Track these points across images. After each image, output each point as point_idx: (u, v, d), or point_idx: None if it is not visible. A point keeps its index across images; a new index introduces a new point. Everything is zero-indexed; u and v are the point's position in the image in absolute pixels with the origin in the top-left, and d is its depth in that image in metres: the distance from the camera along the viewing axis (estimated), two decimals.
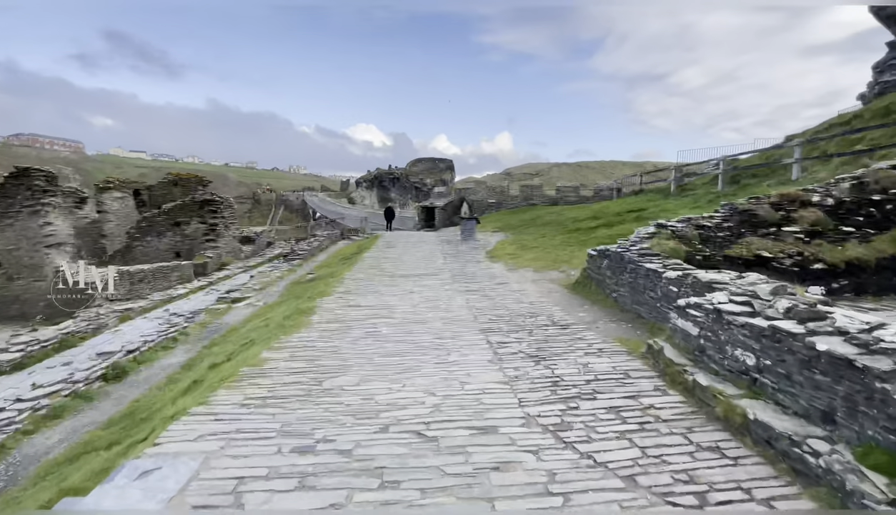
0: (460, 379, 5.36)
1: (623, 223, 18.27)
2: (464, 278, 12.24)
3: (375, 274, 13.14)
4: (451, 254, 17.10)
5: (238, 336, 10.54)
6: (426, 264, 14.81)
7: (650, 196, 23.61)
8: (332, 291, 10.92)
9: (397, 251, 18.24)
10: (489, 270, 13.43)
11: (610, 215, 20.73)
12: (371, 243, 23.01)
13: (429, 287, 11.07)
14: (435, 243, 20.82)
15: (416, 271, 13.49)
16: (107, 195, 25.71)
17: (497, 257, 15.65)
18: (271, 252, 26.58)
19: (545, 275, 12.09)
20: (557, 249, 15.51)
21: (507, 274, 12.61)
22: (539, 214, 26.46)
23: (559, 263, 13.16)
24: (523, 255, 15.30)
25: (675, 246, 9.22)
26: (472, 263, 14.99)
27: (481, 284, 11.37)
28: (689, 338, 5.49)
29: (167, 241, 23.42)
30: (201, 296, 17.11)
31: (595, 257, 10.13)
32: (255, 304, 15.00)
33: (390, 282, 11.88)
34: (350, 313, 8.75)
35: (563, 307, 8.85)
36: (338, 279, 12.79)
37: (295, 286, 16.60)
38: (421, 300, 9.73)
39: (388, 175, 73.76)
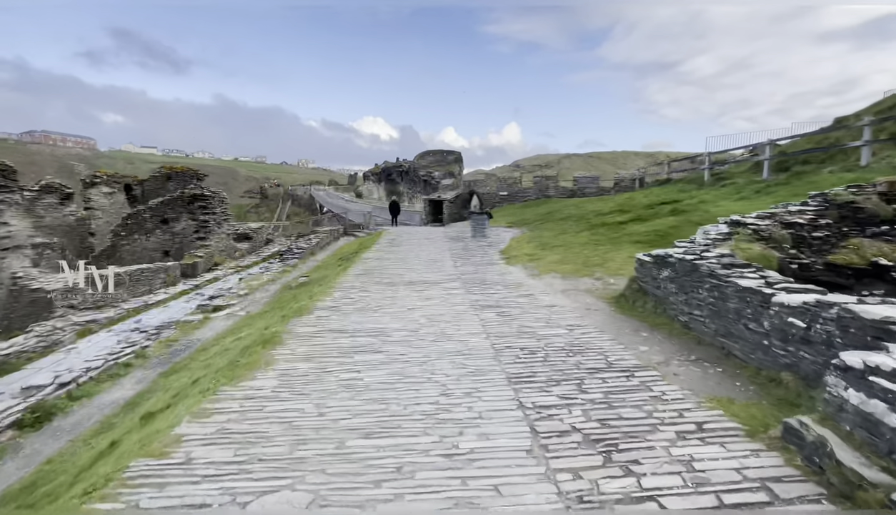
0: (485, 503, 3.04)
1: (657, 217, 15.75)
2: (477, 286, 9.89)
3: (372, 281, 10.82)
4: (460, 254, 14.73)
5: (199, 365, 8.34)
6: (432, 267, 12.46)
7: (681, 186, 20.99)
8: (315, 305, 8.63)
9: (401, 251, 15.91)
10: (507, 275, 11.04)
11: (639, 207, 18.19)
12: (374, 240, 20.73)
13: (434, 300, 8.72)
14: (443, 241, 18.45)
15: (421, 276, 11.16)
16: (94, 191, 23.68)
17: (514, 259, 13.24)
18: (269, 250, 24.42)
19: (576, 283, 9.67)
20: (585, 248, 13.06)
21: (530, 281, 10.21)
22: (556, 207, 23.94)
23: (591, 267, 10.73)
24: (545, 256, 12.88)
25: (762, 252, 6.76)
26: (485, 265, 12.60)
27: (499, 295, 9.00)
28: (876, 428, 3.11)
29: (155, 239, 21.34)
30: (181, 303, 14.97)
31: (649, 265, 7.70)
32: (237, 314, 12.80)
33: (389, 292, 9.56)
34: (329, 344, 6.45)
35: (614, 335, 6.46)
36: (328, 287, 10.51)
37: (284, 292, 14.38)
38: (424, 321, 7.38)
39: (397, 168, 71.33)
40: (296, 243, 22.53)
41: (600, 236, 14.65)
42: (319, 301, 8.98)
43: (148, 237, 21.21)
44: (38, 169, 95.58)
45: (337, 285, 10.65)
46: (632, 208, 18.68)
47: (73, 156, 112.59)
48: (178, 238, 21.21)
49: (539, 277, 10.59)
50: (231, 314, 12.70)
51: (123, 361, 9.44)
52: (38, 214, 22.71)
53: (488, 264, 12.68)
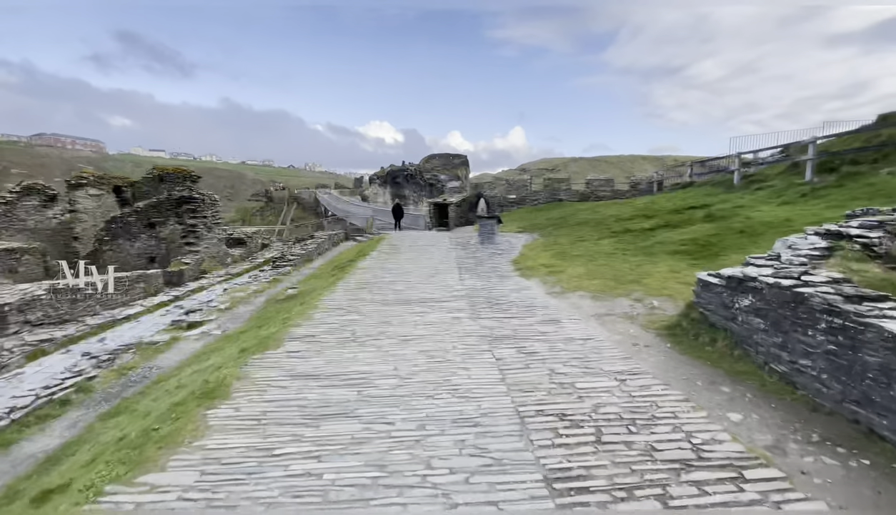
0: None
1: (689, 224, 13.84)
2: (488, 307, 8.04)
3: (364, 298, 9.00)
4: (468, 264, 12.88)
5: (143, 409, 6.57)
6: (435, 280, 10.62)
7: (707, 190, 19.05)
8: (288, 333, 6.80)
9: (401, 260, 14.09)
10: (523, 292, 9.17)
11: (664, 212, 16.28)
12: (374, 245, 18.95)
13: (436, 327, 6.88)
14: (448, 248, 16.62)
15: (421, 292, 9.33)
16: (80, 193, 22.10)
17: (530, 271, 11.37)
18: (263, 257, 22.72)
19: (611, 306, 7.79)
20: (612, 259, 11.16)
21: (552, 302, 8.34)
22: (569, 211, 22.05)
23: (625, 284, 8.83)
24: (566, 268, 10.99)
25: (884, 275, 4.87)
26: (496, 279, 10.74)
27: (517, 321, 7.14)
28: None
29: (140, 245, 19.67)
30: (156, 317, 13.23)
31: (717, 289, 5.80)
32: (212, 333, 11.03)
33: (381, 314, 7.73)
34: (290, 399, 4.62)
35: (684, 391, 4.58)
36: (310, 307, 8.69)
37: (269, 306, 12.61)
38: (422, 361, 5.54)
39: (402, 172, 69.63)
40: (290, 250, 20.80)
41: (627, 244, 12.75)
42: (295, 327, 7.16)
43: (133, 243, 19.56)
44: (47, 171, 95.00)
45: (321, 303, 8.84)
46: (656, 212, 16.79)
47: (82, 158, 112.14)
48: (165, 244, 19.54)
49: (563, 295, 8.71)
50: (205, 333, 10.93)
51: (60, 397, 7.69)
52: (19, 217, 21.17)
53: (500, 278, 10.83)
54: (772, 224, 11.44)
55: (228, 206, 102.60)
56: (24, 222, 21.10)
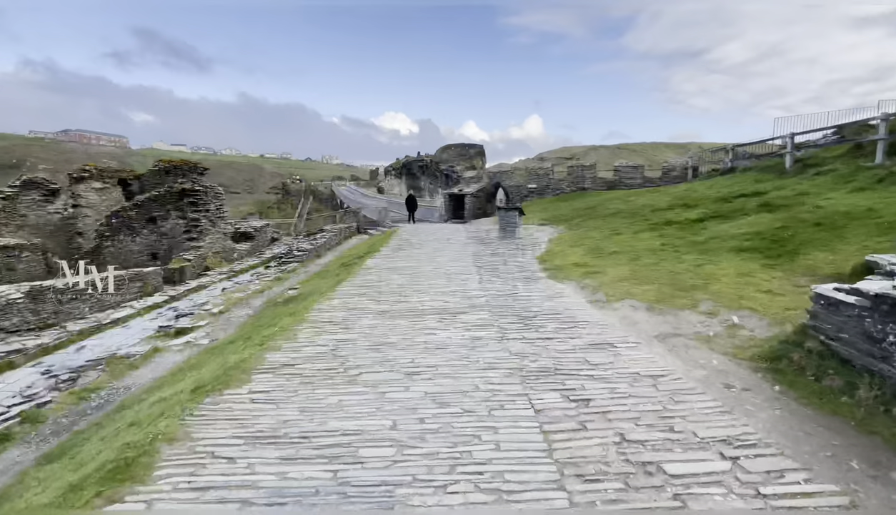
0: None
1: (744, 214, 11.84)
2: (516, 322, 6.35)
3: (365, 307, 7.39)
4: (488, 262, 11.17)
5: (93, 447, 5.13)
6: (451, 283, 8.96)
7: (754, 175, 16.86)
8: (260, 364, 5.24)
9: (412, 257, 12.46)
10: (557, 300, 7.44)
11: (708, 201, 14.27)
12: (385, 240, 17.39)
13: (449, 355, 5.23)
14: (465, 242, 14.93)
15: (433, 299, 7.69)
16: (83, 186, 21.04)
17: (561, 271, 9.60)
18: (270, 252, 21.39)
19: (676, 322, 6.01)
20: (661, 257, 9.32)
21: (597, 315, 6.60)
22: (596, 200, 20.08)
23: (686, 289, 7.02)
24: (605, 267, 9.20)
25: None
26: (523, 281, 9.01)
27: (556, 345, 5.44)
28: None
29: (142, 240, 18.49)
30: (145, 321, 11.92)
31: (856, 311, 3.98)
32: (198, 342, 9.62)
33: (382, 331, 6.12)
34: (222, 484, 3.05)
35: (839, 485, 2.87)
36: (299, 320, 7.13)
37: (267, 309, 11.16)
38: (430, 411, 3.91)
39: (417, 163, 67.84)
40: (298, 245, 19.38)
41: (673, 239, 10.85)
42: (272, 351, 5.58)
43: (134, 238, 18.39)
44: (72, 167, 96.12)
45: (313, 314, 7.27)
46: (698, 201, 14.78)
47: (106, 154, 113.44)
48: (167, 239, 18.32)
49: (608, 305, 6.95)
50: (190, 344, 9.51)
51: (1, 430, 6.33)
52: (20, 212, 20.20)
53: (527, 280, 9.09)
54: (853, 215, 9.43)
55: (247, 199, 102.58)
56: (25, 217, 20.13)
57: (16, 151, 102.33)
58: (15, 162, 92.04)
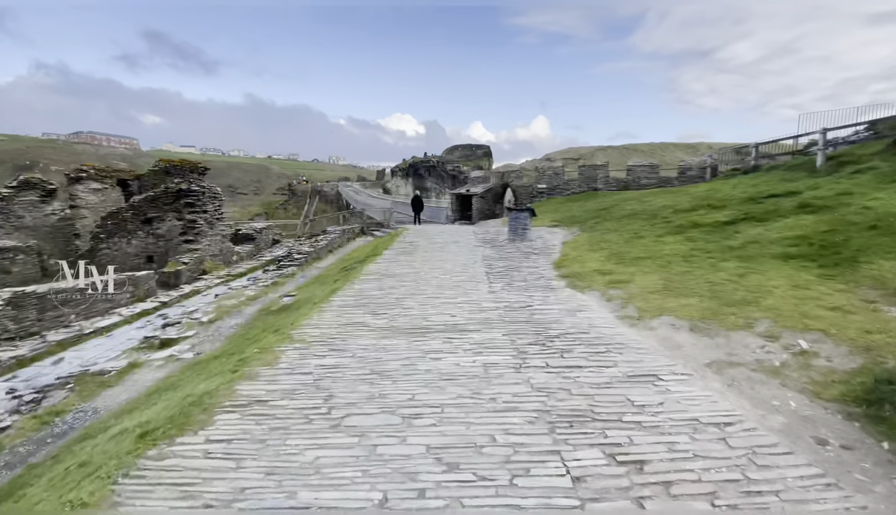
0: None
1: (781, 215, 10.72)
2: (537, 342, 5.37)
3: (358, 324, 6.44)
4: (499, 268, 10.18)
5: (37, 493, 4.23)
6: (457, 292, 7.99)
7: (781, 174, 15.71)
8: (225, 401, 4.31)
9: (416, 262, 11.50)
10: (582, 315, 6.44)
11: (736, 202, 13.14)
12: (389, 242, 16.47)
13: (456, 390, 4.25)
14: (473, 245, 13.95)
15: (438, 312, 6.73)
16: (80, 187, 20.35)
17: (581, 279, 8.59)
18: (272, 253, 20.55)
19: (728, 345, 5.00)
20: (694, 264, 8.26)
21: (630, 334, 5.59)
22: (610, 201, 18.99)
23: (733, 304, 5.98)
24: (632, 275, 8.16)
25: None
26: (539, 291, 8.01)
27: (588, 375, 4.45)
28: None
29: (138, 243, 17.71)
30: (131, 330, 11.06)
31: None
32: (182, 356, 8.72)
33: (374, 359, 5.16)
34: None
35: None
36: (283, 337, 6.20)
37: (259, 319, 10.26)
38: (433, 477, 2.96)
39: (424, 163, 66.95)
40: (297, 248, 18.51)
41: (704, 243, 9.78)
42: (246, 381, 4.64)
43: (129, 240, 17.62)
44: None
45: (300, 331, 6.32)
46: (724, 202, 13.66)
47: (117, 155, 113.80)
48: (164, 241, 17.54)
49: (643, 323, 5.93)
50: (173, 358, 8.62)
51: None
52: (17, 213, 19.54)
53: (543, 290, 8.08)
54: None
55: (254, 200, 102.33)
56: (22, 218, 19.47)
57: (29, 153, 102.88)
58: (28, 163, 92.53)
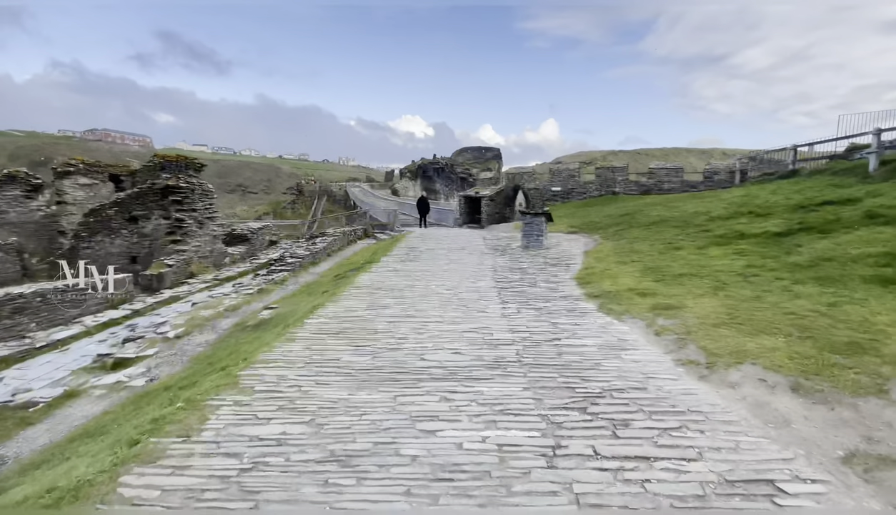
0: None
1: (845, 226, 8.92)
2: (573, 405, 3.74)
3: (332, 362, 4.83)
4: (513, 282, 8.52)
5: None
6: (464, 317, 6.36)
7: (828, 179, 13.84)
8: (123, 479, 2.76)
9: (418, 272, 9.88)
10: (627, 355, 4.78)
11: (784, 210, 11.36)
12: (391, 247, 14.89)
13: (457, 499, 2.69)
14: (482, 253, 12.31)
15: (437, 347, 5.11)
16: (68, 182, 19.06)
17: (614, 299, 6.91)
18: (265, 256, 19.07)
19: (854, 417, 3.34)
20: (754, 285, 6.55)
21: (705, 395, 3.93)
22: (631, 206, 17.24)
23: (841, 350, 4.28)
24: (681, 300, 6.46)
25: None
26: (564, 313, 6.36)
27: (666, 486, 2.83)
28: None
29: (121, 242, 16.32)
30: (91, 344, 9.56)
31: None
32: (131, 383, 7.17)
33: (338, 430, 3.60)
34: None
35: None
36: (225, 388, 4.65)
37: (233, 335, 8.71)
38: None
39: (433, 165, 65.42)
40: (293, 250, 16.99)
41: (758, 257, 8.04)
42: (136, 467, 3.07)
43: (113, 239, 16.24)
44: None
45: (250, 371, 4.73)
46: (768, 209, 11.89)
47: (130, 153, 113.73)
48: (149, 241, 16.14)
49: (717, 373, 4.24)
50: (120, 384, 7.07)
51: None
52: (0, 209, 18.27)
53: (570, 314, 6.41)
54: None
55: (264, 199, 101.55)
56: (6, 214, 18.20)
57: (44, 149, 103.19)
58: (43, 159, 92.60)
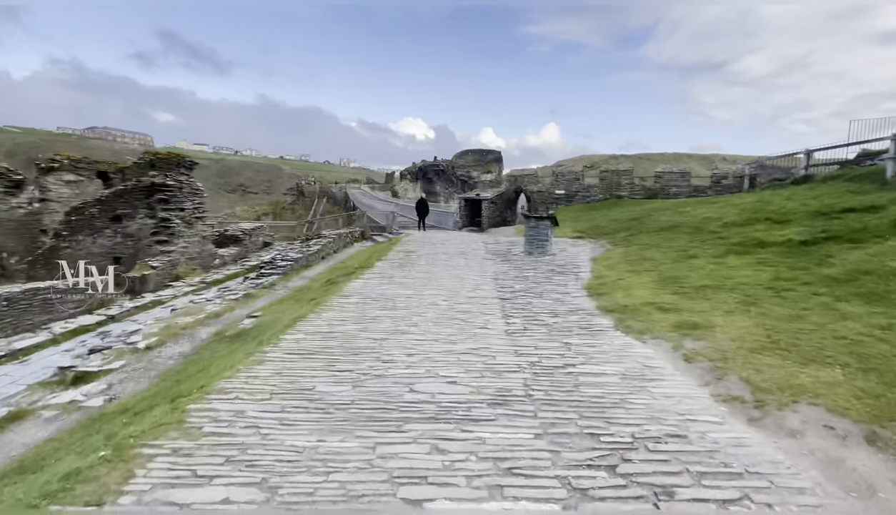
0: None
1: (874, 235, 8.14)
2: (599, 460, 2.98)
3: (303, 396, 4.08)
4: (517, 294, 7.73)
5: None
6: (461, 335, 5.56)
7: (845, 186, 13.09)
8: None
9: (413, 280, 9.08)
10: (655, 389, 4.00)
11: (803, 217, 10.60)
12: (386, 250, 14.11)
13: None
14: (483, 259, 11.52)
15: (429, 375, 4.33)
16: (52, 178, 18.28)
17: (631, 315, 6.13)
18: (258, 258, 18.25)
19: None
20: (790, 301, 5.78)
21: (759, 445, 3.16)
22: (640, 210, 16.47)
23: None
24: (707, 316, 5.68)
25: None
26: (578, 335, 5.58)
27: None
28: None
29: (104, 242, 15.53)
30: (55, 354, 8.73)
31: None
32: (86, 404, 6.34)
33: (294, 499, 2.83)
34: None
35: None
36: (166, 429, 3.87)
37: (212, 345, 7.90)
38: None
39: (433, 167, 64.73)
40: (286, 253, 16.20)
41: (788, 269, 7.26)
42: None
43: (95, 239, 15.45)
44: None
45: (201, 406, 3.95)
46: (786, 216, 11.11)
47: (130, 151, 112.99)
48: (133, 241, 15.35)
49: (771, 417, 3.47)
50: (75, 404, 6.23)
51: None
52: None
53: (583, 332, 5.63)
54: None
55: (264, 199, 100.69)
56: None
57: (42, 147, 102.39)
58: (40, 156, 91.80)
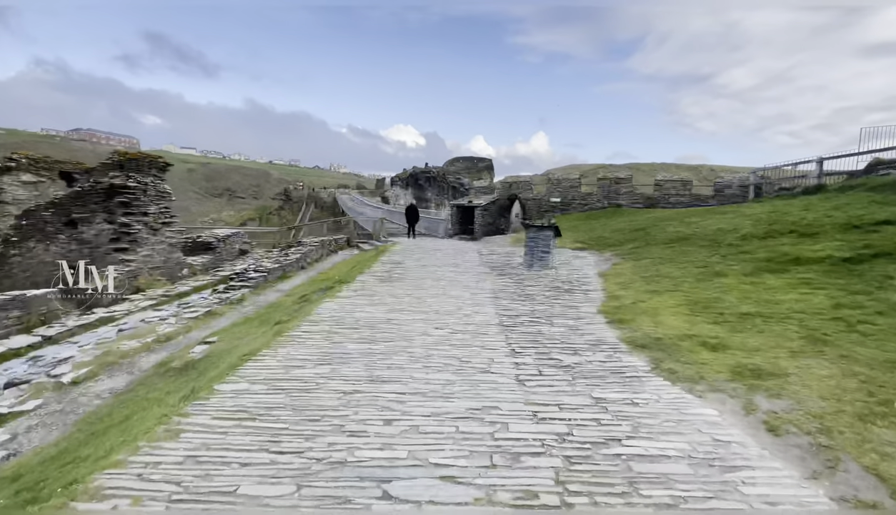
0: None
1: None
2: None
3: (219, 494, 2.71)
4: (520, 315, 6.38)
5: None
6: (459, 383, 4.20)
7: (868, 196, 12.04)
8: None
9: (398, 299, 7.66)
10: (749, 489, 2.69)
11: (835, 229, 9.45)
12: (371, 261, 12.70)
13: None
14: (478, 273, 10.16)
15: (412, 458, 2.98)
16: (8, 178, 16.58)
17: (672, 354, 4.82)
18: (231, 268, 16.67)
19: None
20: (870, 338, 4.57)
21: None
22: (643, 220, 15.30)
23: None
24: (778, 361, 4.41)
25: None
26: (611, 384, 4.24)
27: None
28: None
29: (57, 249, 13.85)
30: None
31: None
32: None
33: None
34: None
35: None
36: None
37: (142, 384, 6.37)
38: None
39: (424, 174, 63.47)
40: (260, 262, 14.68)
41: (847, 293, 6.04)
42: None
43: (48, 246, 13.80)
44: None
45: (95, 486, 2.50)
46: (810, 229, 9.98)
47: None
48: (89, 248, 13.72)
49: None
50: None
51: None
52: None
53: (615, 377, 4.29)
54: None
55: (252, 203, 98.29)
56: None
57: (25, 147, 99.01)
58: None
